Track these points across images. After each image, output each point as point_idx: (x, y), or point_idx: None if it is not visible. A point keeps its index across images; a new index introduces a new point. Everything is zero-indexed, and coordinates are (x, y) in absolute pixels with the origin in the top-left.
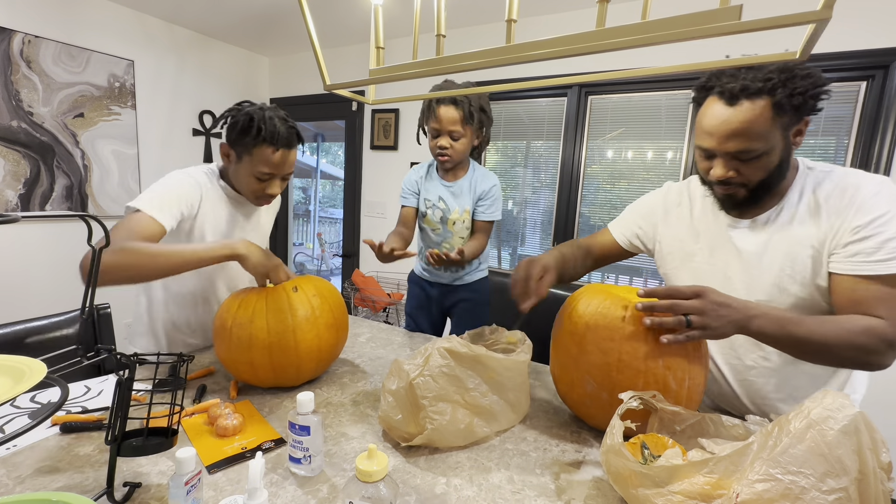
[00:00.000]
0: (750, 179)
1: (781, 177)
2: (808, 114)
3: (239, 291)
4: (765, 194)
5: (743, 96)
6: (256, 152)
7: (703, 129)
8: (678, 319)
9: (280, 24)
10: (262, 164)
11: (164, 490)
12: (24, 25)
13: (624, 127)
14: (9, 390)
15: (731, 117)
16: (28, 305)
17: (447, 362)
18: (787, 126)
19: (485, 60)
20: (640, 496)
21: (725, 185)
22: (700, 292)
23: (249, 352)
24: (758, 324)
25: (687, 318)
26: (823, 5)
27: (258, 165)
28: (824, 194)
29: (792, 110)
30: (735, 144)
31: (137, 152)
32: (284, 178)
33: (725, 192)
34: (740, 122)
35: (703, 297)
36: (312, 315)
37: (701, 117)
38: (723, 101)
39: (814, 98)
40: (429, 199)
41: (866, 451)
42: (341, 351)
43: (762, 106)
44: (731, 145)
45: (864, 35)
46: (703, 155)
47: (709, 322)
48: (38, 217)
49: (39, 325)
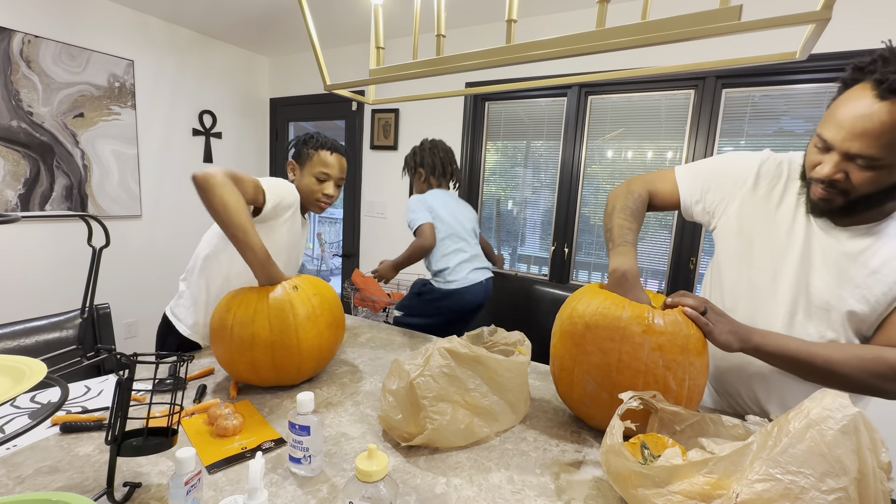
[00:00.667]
0: (855, 189)
1: (890, 198)
2: None
3: (237, 291)
4: (863, 210)
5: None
6: (315, 156)
7: (836, 117)
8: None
9: (280, 24)
10: (320, 165)
11: (164, 490)
12: (24, 25)
13: (624, 127)
14: (9, 390)
15: (875, 113)
16: (28, 305)
17: (448, 362)
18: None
19: (485, 60)
20: (639, 496)
21: (828, 187)
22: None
23: (251, 351)
24: (758, 340)
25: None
26: (823, 5)
27: (317, 166)
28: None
29: None
30: (861, 146)
31: (137, 152)
32: (338, 185)
33: (823, 195)
34: (882, 123)
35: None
36: (313, 314)
37: (838, 104)
38: (875, 93)
39: None
40: None
41: (866, 450)
42: (339, 349)
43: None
44: (857, 145)
45: (864, 35)
46: (820, 146)
47: (715, 323)
48: (37, 217)
49: (39, 325)
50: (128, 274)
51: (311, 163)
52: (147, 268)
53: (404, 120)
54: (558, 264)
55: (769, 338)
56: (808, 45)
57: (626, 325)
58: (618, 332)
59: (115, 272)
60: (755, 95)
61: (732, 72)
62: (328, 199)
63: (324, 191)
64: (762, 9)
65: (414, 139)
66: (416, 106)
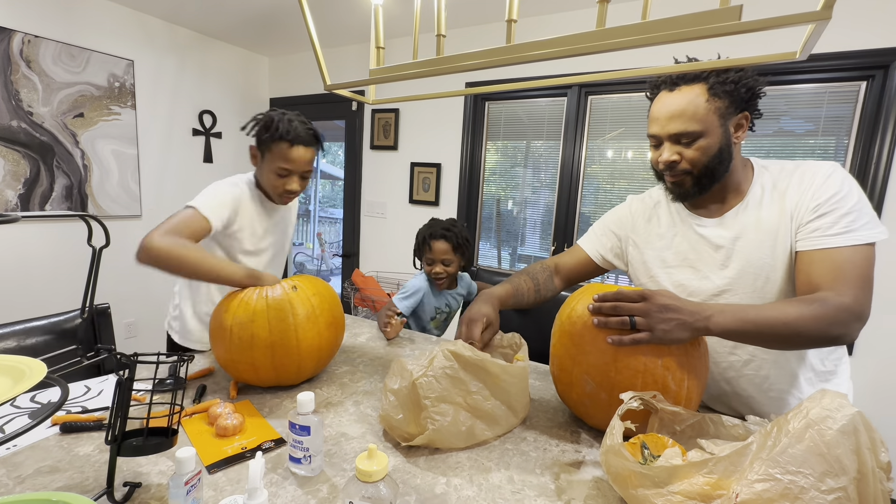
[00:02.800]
0: (694, 165)
1: (724, 167)
2: (744, 108)
3: (235, 291)
4: (710, 183)
5: (682, 82)
6: (275, 148)
7: (651, 116)
8: (622, 320)
9: (280, 24)
10: (279, 160)
11: (164, 490)
12: (24, 25)
13: (624, 127)
14: (9, 390)
15: (671, 100)
16: (28, 305)
17: (451, 364)
18: (723, 114)
19: (485, 60)
20: (639, 496)
21: (672, 171)
22: (646, 295)
23: (251, 351)
24: (716, 321)
25: (632, 320)
26: (823, 5)
27: (276, 161)
28: (783, 184)
29: (725, 96)
30: (676, 126)
31: (137, 152)
32: (304, 177)
33: (673, 179)
34: (678, 105)
35: (649, 300)
36: (313, 314)
37: (651, 110)
38: (666, 90)
39: (746, 89)
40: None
41: (865, 450)
42: (338, 349)
43: (698, 90)
44: (672, 126)
45: (864, 35)
46: (653, 144)
47: (654, 325)
48: (38, 217)
49: (39, 325)
50: (128, 274)
51: (271, 155)
52: (147, 268)
53: (404, 120)
54: None
55: (725, 315)
56: (808, 45)
57: None
58: (616, 332)
59: (115, 272)
60: None
61: None
62: (291, 195)
63: (286, 186)
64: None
65: (414, 139)
66: (416, 106)
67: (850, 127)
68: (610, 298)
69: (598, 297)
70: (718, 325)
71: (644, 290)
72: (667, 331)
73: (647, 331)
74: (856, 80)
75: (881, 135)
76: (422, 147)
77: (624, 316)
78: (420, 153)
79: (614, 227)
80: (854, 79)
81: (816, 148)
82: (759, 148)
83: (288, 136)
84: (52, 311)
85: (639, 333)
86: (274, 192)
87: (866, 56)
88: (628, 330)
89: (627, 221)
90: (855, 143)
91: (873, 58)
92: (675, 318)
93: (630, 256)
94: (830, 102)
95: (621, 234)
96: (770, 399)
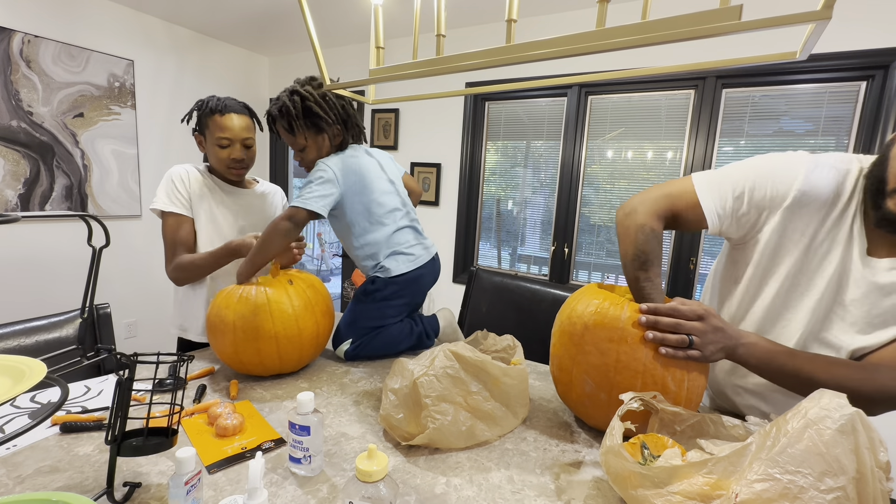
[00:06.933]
0: None
1: None
2: None
3: (232, 287)
4: None
5: None
6: (211, 124)
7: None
8: (681, 339)
9: (280, 24)
10: (217, 131)
11: (164, 490)
12: (24, 25)
13: (624, 127)
14: (9, 390)
15: None
16: (28, 305)
17: (452, 364)
18: None
19: (485, 60)
20: (639, 496)
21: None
22: (703, 315)
23: (256, 343)
24: (741, 352)
25: (690, 338)
26: (823, 5)
27: (215, 132)
28: None
29: None
30: None
31: (137, 152)
32: (246, 145)
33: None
34: None
35: (706, 320)
36: (310, 304)
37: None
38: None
39: None
40: None
41: (864, 450)
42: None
43: None
44: None
45: (864, 35)
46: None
47: (706, 345)
48: (38, 217)
49: (39, 325)
50: (128, 274)
51: (209, 131)
52: (147, 268)
53: (404, 120)
54: (558, 264)
55: (755, 349)
56: (808, 44)
57: (624, 326)
58: (616, 332)
59: (115, 272)
60: (755, 95)
61: (732, 72)
62: (239, 164)
63: (231, 156)
64: (762, 9)
65: (414, 139)
66: (416, 106)
67: (850, 127)
68: (664, 313)
69: (649, 309)
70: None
71: (700, 310)
72: (713, 352)
73: (699, 350)
74: (856, 80)
75: (881, 135)
76: (422, 147)
77: (684, 336)
78: (420, 153)
79: (763, 190)
80: (854, 79)
81: (816, 148)
82: (758, 148)
83: (218, 108)
84: (52, 311)
85: (693, 351)
86: (221, 165)
87: (866, 56)
88: (685, 347)
89: (792, 191)
90: (855, 144)
91: (873, 58)
92: (721, 341)
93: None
94: (830, 102)
95: (767, 204)
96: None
